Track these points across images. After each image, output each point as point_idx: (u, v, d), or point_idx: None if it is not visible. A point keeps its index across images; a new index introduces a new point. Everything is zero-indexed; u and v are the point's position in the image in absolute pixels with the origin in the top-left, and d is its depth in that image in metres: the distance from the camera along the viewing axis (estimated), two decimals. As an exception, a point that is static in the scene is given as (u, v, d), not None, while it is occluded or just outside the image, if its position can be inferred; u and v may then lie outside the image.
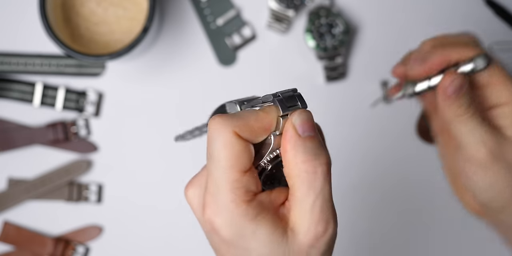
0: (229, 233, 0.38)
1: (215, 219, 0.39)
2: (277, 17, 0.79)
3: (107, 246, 0.81)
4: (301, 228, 0.38)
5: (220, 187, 0.38)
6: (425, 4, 0.82)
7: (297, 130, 0.39)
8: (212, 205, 0.39)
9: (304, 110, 0.41)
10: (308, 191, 0.38)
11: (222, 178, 0.38)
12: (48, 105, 0.79)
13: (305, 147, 0.38)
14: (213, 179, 0.39)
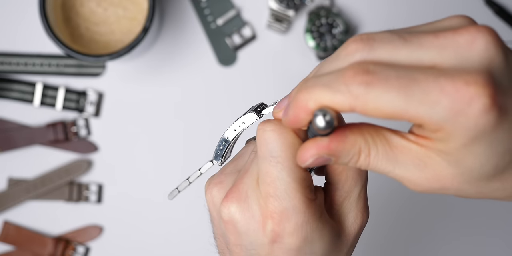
0: (298, 239, 0.36)
1: (282, 227, 0.36)
2: (277, 17, 0.79)
3: (107, 246, 0.81)
4: (348, 220, 0.39)
5: (287, 189, 0.36)
6: (425, 4, 0.82)
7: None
8: (277, 211, 0.36)
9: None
10: (356, 183, 0.38)
11: (289, 179, 0.36)
12: (48, 105, 0.79)
13: None
14: (276, 182, 0.36)
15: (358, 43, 0.32)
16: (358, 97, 0.31)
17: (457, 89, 0.30)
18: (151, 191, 0.81)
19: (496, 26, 0.82)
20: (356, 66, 0.31)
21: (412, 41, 0.31)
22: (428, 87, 0.30)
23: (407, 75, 0.30)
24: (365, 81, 0.31)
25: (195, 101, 0.81)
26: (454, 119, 0.30)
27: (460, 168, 0.32)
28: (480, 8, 0.82)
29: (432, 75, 0.30)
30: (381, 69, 0.31)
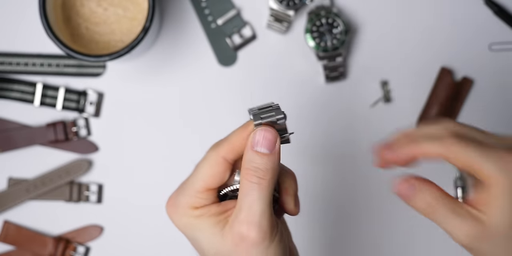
0: (180, 224, 0.49)
1: (172, 214, 0.49)
2: (277, 17, 0.79)
3: (107, 246, 0.81)
4: (233, 229, 0.47)
5: (185, 190, 0.48)
6: (425, 3, 0.82)
7: (251, 143, 0.46)
8: (173, 201, 0.49)
9: (267, 129, 0.46)
10: (241, 195, 0.46)
11: (191, 184, 0.48)
12: (48, 105, 0.79)
13: (251, 159, 0.45)
14: (186, 182, 0.48)
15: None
16: (449, 148, 0.48)
17: (508, 155, 0.47)
18: (151, 191, 0.81)
19: (496, 26, 0.82)
20: (452, 133, 0.49)
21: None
22: (491, 151, 0.48)
23: (484, 144, 0.48)
24: (457, 139, 0.48)
25: (195, 101, 0.81)
26: (506, 173, 0.47)
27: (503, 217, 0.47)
28: (480, 8, 0.82)
29: (500, 147, 0.48)
30: (467, 137, 0.48)
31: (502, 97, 0.83)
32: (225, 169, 0.47)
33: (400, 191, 0.50)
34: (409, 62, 0.82)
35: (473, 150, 0.48)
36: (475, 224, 0.48)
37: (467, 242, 0.48)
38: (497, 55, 0.82)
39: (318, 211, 0.82)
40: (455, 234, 0.48)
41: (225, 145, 0.47)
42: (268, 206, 0.46)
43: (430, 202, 0.49)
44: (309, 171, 0.81)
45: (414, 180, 0.50)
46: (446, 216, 0.48)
